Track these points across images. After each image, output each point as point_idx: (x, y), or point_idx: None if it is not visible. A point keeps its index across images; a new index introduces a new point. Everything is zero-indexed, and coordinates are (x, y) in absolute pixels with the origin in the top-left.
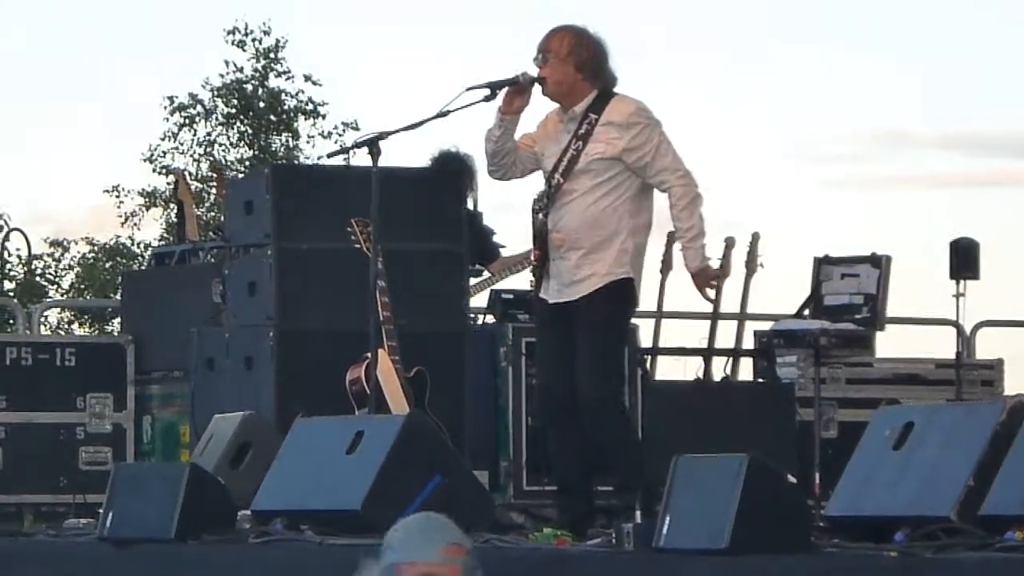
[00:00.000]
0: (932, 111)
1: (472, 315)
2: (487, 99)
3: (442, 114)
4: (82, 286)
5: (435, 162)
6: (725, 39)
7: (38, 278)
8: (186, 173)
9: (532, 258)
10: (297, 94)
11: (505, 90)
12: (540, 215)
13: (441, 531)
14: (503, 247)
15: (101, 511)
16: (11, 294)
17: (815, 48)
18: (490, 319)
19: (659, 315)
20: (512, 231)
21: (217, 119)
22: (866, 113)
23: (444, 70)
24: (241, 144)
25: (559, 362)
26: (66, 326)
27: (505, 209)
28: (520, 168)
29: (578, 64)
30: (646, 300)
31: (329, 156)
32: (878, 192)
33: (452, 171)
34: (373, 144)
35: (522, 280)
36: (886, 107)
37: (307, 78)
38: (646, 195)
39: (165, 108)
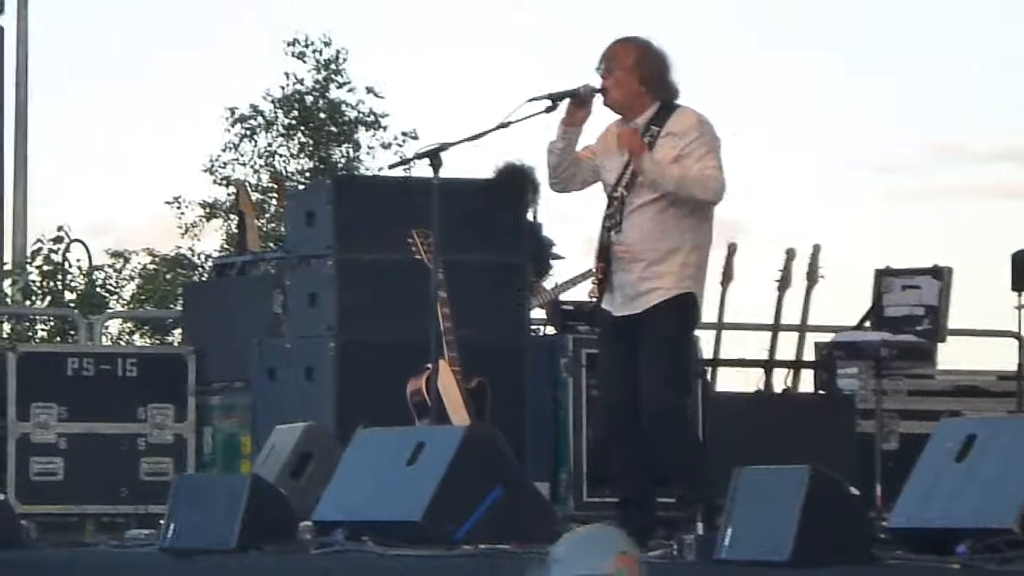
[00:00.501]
0: (994, 122)
1: (532, 326)
2: (548, 110)
3: (503, 125)
4: (143, 297)
5: (499, 174)
6: (782, 49)
7: (99, 289)
8: (247, 184)
9: (595, 270)
10: (357, 105)
11: (567, 101)
12: (609, 230)
13: (611, 541)
14: (562, 258)
15: (162, 521)
16: (71, 305)
17: (874, 58)
18: (550, 330)
19: (720, 326)
20: (571, 242)
21: (278, 130)
22: (928, 124)
23: (503, 81)
24: (301, 155)
25: (622, 374)
26: (127, 336)
27: (564, 220)
28: (580, 180)
29: (642, 77)
30: (707, 311)
31: (391, 167)
32: (939, 203)
33: (515, 183)
34: (435, 155)
35: (582, 291)
36: (948, 118)
37: (369, 90)
38: (707, 209)
39: (226, 119)
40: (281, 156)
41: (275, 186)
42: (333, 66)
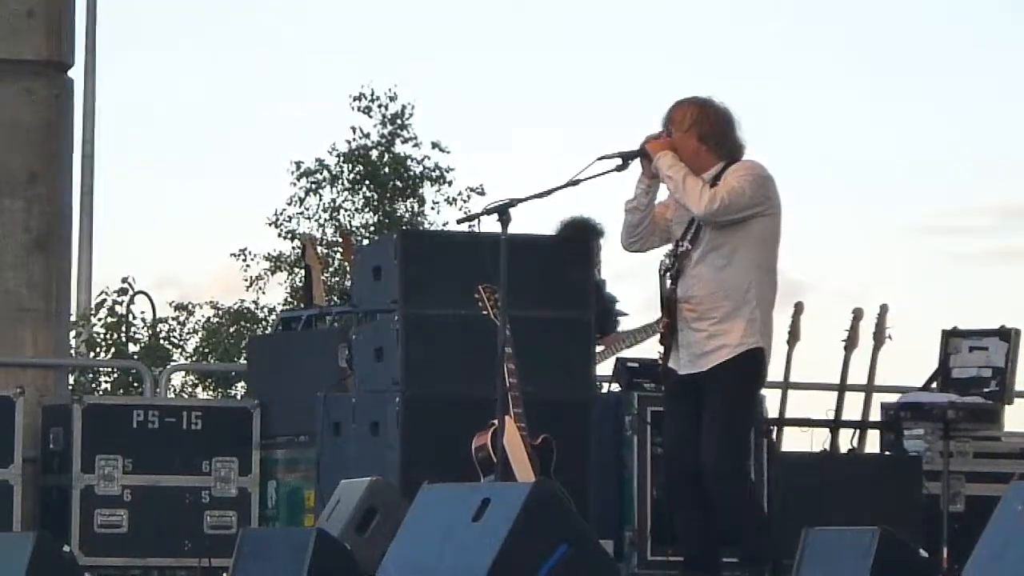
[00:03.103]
0: None
1: (597, 383)
2: (619, 169)
3: (573, 182)
4: (206, 350)
5: (563, 229)
6: (856, 108)
7: (162, 341)
8: (314, 238)
9: (660, 327)
10: (423, 160)
11: (637, 160)
12: (668, 282)
13: None
14: (626, 315)
15: (226, 575)
16: (135, 357)
17: (944, 120)
18: (615, 387)
19: (786, 386)
20: (633, 300)
21: (343, 184)
22: (996, 187)
23: (568, 139)
24: (366, 210)
25: (688, 433)
26: (190, 389)
27: (624, 277)
28: (658, 238)
29: (701, 135)
30: (773, 370)
31: (459, 222)
32: (1007, 265)
33: (580, 239)
34: (504, 211)
35: (647, 349)
36: (1017, 180)
37: (435, 145)
38: (770, 264)
39: (292, 173)
40: (346, 210)
41: (341, 240)
42: (399, 120)
